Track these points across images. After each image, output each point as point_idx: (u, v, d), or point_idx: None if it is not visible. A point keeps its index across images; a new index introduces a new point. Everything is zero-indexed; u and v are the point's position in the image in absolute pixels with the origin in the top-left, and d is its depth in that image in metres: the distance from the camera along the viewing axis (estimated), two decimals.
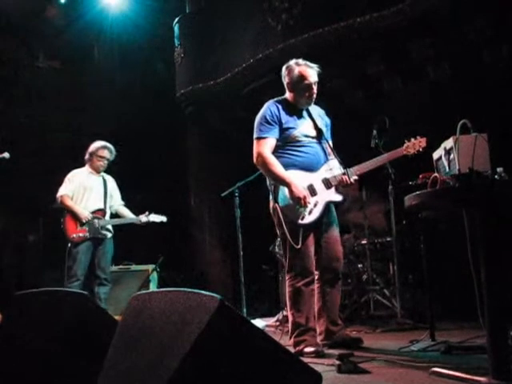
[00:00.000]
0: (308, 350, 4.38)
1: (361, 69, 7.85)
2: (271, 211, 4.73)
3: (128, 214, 6.91)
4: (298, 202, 4.43)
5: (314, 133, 4.72)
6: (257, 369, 2.14)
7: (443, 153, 3.54)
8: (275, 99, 4.83)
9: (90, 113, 10.58)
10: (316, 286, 4.72)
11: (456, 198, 3.05)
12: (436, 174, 3.30)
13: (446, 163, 3.46)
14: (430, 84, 7.48)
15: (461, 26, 6.78)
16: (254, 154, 4.67)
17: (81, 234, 6.46)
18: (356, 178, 4.62)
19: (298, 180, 4.51)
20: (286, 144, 4.65)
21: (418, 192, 3.15)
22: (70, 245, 6.50)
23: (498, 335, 2.94)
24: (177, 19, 10.31)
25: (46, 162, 9.94)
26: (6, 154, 5.93)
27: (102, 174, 6.85)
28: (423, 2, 6.62)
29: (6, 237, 9.91)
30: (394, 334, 5.59)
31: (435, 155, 3.94)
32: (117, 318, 2.84)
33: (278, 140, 4.65)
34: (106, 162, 6.76)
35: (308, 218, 4.50)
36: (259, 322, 6.73)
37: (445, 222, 6.31)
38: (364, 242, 6.94)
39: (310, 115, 4.79)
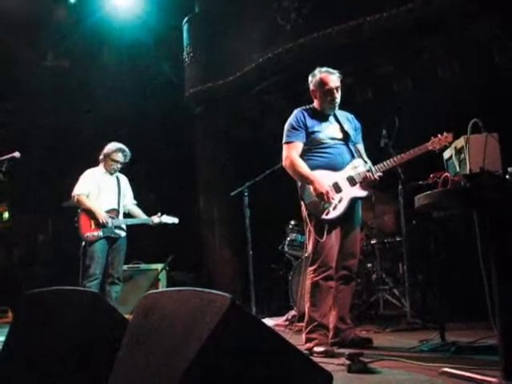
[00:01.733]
0: (318, 349, 4.45)
1: (370, 68, 7.84)
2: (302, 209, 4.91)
3: (140, 214, 6.92)
4: (322, 198, 4.59)
5: (340, 135, 4.89)
6: (267, 368, 2.14)
7: (454, 152, 3.53)
8: (302, 107, 5.01)
9: (99, 112, 10.60)
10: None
11: (467, 197, 3.03)
12: (447, 174, 3.29)
13: (456, 163, 3.46)
14: (440, 83, 7.45)
15: (471, 25, 6.75)
16: (283, 158, 4.87)
17: (95, 233, 6.47)
18: (380, 174, 4.76)
19: (324, 179, 4.69)
20: (312, 147, 4.83)
21: (428, 192, 3.14)
22: (84, 243, 6.52)
23: (509, 335, 2.93)
24: (186, 19, 10.32)
25: (55, 161, 9.98)
26: (17, 154, 5.95)
27: (116, 173, 6.85)
28: (433, 1, 6.60)
29: (16, 236, 9.95)
30: (404, 334, 5.57)
31: (446, 155, 3.94)
32: (126, 316, 2.84)
33: (305, 144, 4.85)
34: (119, 165, 6.76)
35: (332, 214, 4.66)
36: (268, 322, 6.74)
37: (455, 222, 6.29)
38: (373, 241, 6.93)
39: (336, 119, 4.95)
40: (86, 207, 6.55)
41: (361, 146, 5.01)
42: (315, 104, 4.99)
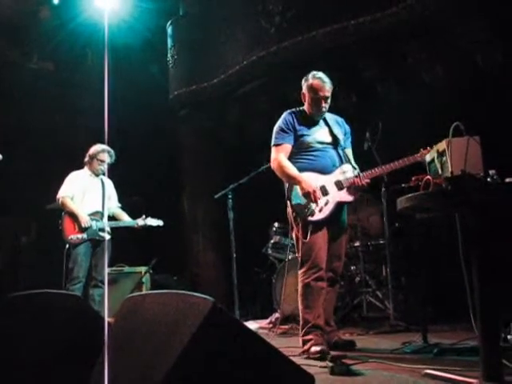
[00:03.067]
0: (314, 349, 4.43)
1: (355, 72, 7.86)
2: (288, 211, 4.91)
3: (125, 217, 6.91)
4: (309, 197, 4.59)
5: (329, 139, 4.89)
6: (249, 371, 2.14)
7: (436, 155, 3.55)
8: (292, 110, 4.99)
9: (83, 115, 10.55)
10: None
11: (448, 200, 3.05)
12: (429, 177, 3.31)
13: (438, 166, 3.47)
14: (423, 87, 7.49)
15: (455, 29, 6.79)
16: (271, 160, 4.88)
17: (79, 236, 6.45)
18: (368, 181, 4.76)
19: (312, 180, 4.69)
20: (300, 150, 4.83)
21: (410, 194, 3.16)
22: (68, 246, 6.51)
23: (490, 337, 2.95)
24: (170, 21, 10.31)
25: (38, 163, 9.91)
26: None
27: (101, 176, 6.84)
28: (417, 6, 6.63)
29: None
30: (387, 336, 5.59)
31: (428, 158, 3.96)
32: (110, 319, 2.84)
33: (293, 147, 4.85)
34: (105, 165, 6.75)
35: (318, 216, 4.65)
36: (252, 324, 6.74)
37: (437, 225, 6.33)
38: (357, 244, 6.95)
39: (326, 123, 4.96)
40: (69, 210, 6.53)
41: (349, 151, 5.02)
42: (304, 106, 4.98)
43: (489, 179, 2.97)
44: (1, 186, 8.30)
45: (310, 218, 4.66)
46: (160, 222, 6.95)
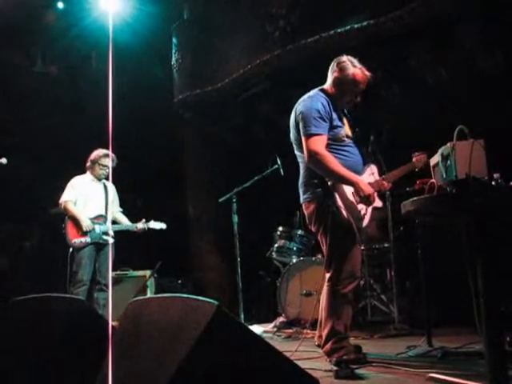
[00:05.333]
0: (348, 357, 4.09)
1: None
2: (313, 213, 4.31)
3: (125, 221, 6.93)
4: (367, 200, 4.10)
5: (350, 133, 4.42)
6: (254, 375, 2.14)
7: (440, 159, 3.54)
8: (319, 89, 4.42)
9: (87, 119, 10.57)
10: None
11: (453, 203, 3.04)
12: (433, 180, 3.31)
13: (443, 169, 3.46)
14: (427, 89, 7.49)
15: (458, 32, 6.80)
16: (307, 152, 4.15)
17: (82, 240, 6.46)
18: (391, 184, 4.44)
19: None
20: (332, 143, 4.24)
21: (414, 198, 3.15)
22: (72, 250, 6.51)
23: (495, 341, 2.94)
24: (174, 25, 10.33)
25: (42, 167, 9.93)
26: (4, 160, 5.92)
27: (103, 180, 6.85)
28: (420, 9, 6.63)
29: (2, 243, 9.89)
30: (392, 340, 5.59)
31: (432, 161, 3.95)
32: (114, 323, 2.84)
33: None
34: (107, 170, 6.76)
35: (362, 223, 4.28)
36: (256, 328, 6.73)
37: (442, 230, 6.32)
38: (362, 247, 6.93)
39: (344, 113, 4.52)
40: (71, 214, 6.54)
41: None
42: (330, 91, 4.41)
43: (493, 182, 2.97)
44: (4, 190, 8.31)
45: (362, 225, 4.25)
46: (163, 225, 6.96)
